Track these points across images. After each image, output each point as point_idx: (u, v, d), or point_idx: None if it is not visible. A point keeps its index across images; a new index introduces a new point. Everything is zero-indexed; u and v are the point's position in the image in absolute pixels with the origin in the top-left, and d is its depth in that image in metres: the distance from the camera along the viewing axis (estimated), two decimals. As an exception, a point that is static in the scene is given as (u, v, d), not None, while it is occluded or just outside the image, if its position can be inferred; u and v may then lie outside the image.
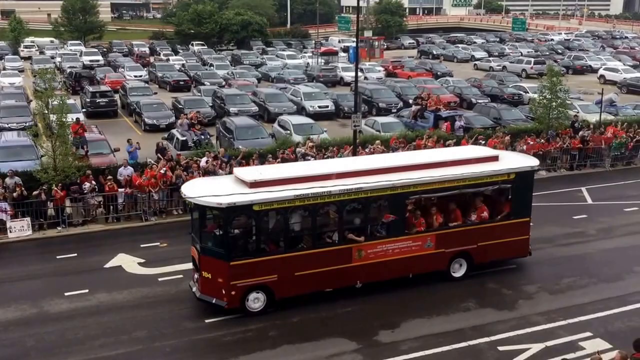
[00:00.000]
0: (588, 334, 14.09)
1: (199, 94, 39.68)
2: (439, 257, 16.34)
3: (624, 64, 56.80)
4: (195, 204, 14.94)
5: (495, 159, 17.22)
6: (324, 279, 15.26)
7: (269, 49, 73.96)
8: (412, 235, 16.07)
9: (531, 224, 20.59)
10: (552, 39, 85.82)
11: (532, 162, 17.69)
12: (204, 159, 22.41)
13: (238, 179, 15.42)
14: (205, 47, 72.11)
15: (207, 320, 14.69)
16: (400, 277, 16.01)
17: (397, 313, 15.09)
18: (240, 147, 24.76)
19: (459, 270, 16.69)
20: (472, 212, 16.82)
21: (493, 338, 13.98)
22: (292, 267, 14.91)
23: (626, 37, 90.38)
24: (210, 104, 36.51)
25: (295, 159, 23.09)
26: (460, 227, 16.56)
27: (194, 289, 15.29)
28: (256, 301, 14.86)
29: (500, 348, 13.61)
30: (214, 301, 14.76)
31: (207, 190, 14.93)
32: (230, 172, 20.62)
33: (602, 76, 52.62)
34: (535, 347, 13.56)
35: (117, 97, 39.17)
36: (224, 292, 14.60)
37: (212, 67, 54.46)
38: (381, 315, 15.03)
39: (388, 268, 15.80)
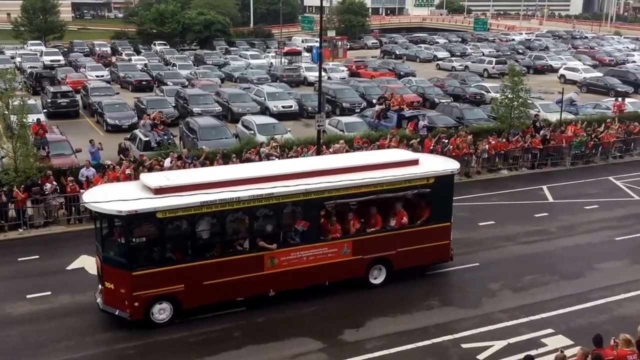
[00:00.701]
0: (550, 330, 14.34)
1: (162, 94, 39.36)
2: (356, 264, 15.91)
3: (583, 64, 58.14)
4: (96, 212, 14.40)
5: (415, 162, 16.92)
6: (235, 288, 14.79)
7: (232, 48, 73.57)
8: (327, 241, 15.60)
9: (493, 222, 21.11)
10: (513, 39, 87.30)
11: (452, 165, 17.37)
12: (167, 160, 22.18)
13: (144, 185, 14.84)
14: (168, 46, 71.36)
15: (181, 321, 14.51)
16: (316, 285, 15.58)
17: (361, 312, 15.15)
18: (204, 147, 24.59)
19: (378, 277, 16.32)
20: (391, 218, 16.44)
21: (457, 336, 14.13)
22: (200, 276, 14.39)
23: (586, 37, 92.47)
24: (173, 104, 36.17)
25: (260, 160, 23.03)
26: (378, 233, 16.19)
27: (99, 300, 14.67)
28: (162, 312, 14.30)
29: (464, 345, 13.77)
30: (117, 313, 14.22)
31: (110, 196, 14.11)
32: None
33: (562, 76, 53.71)
34: (498, 344, 13.74)
35: (78, 97, 38.55)
36: (126, 303, 14.02)
37: (174, 67, 53.98)
38: (346, 315, 15.07)
39: (303, 276, 15.35)
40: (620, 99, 37.81)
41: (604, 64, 61.73)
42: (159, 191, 14.29)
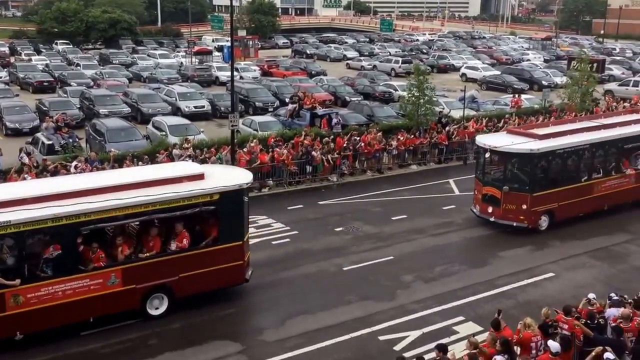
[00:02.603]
0: (461, 318, 14.92)
1: (65, 95, 37.92)
2: (128, 295, 14.07)
3: (483, 63, 60.83)
4: None
5: (200, 177, 15.11)
6: None
7: (139, 48, 71.71)
8: (88, 272, 13.65)
9: (405, 216, 21.69)
10: (417, 40, 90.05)
11: (242, 179, 15.51)
12: (73, 164, 21.37)
13: None
14: (71, 46, 68.70)
15: (82, 333, 13.96)
16: (79, 322, 13.83)
17: (281, 311, 15.19)
18: (112, 150, 23.87)
19: (159, 307, 14.64)
20: (172, 240, 14.77)
21: (374, 328, 14.45)
22: None
23: (484, 37, 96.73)
24: (78, 106, 34.89)
25: (172, 161, 22.66)
26: (154, 259, 14.38)
27: None
28: None
29: (381, 338, 14.09)
30: None
31: None
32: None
33: (464, 74, 55.92)
34: (413, 335, 14.16)
35: (-27, 100, 36.41)
36: None
37: (78, 67, 52.05)
38: (265, 315, 15.09)
39: (59, 313, 13.34)
40: (517, 95, 39.90)
41: (501, 63, 64.80)
42: None
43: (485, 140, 21.11)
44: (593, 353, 10.56)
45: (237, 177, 15.80)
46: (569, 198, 20.50)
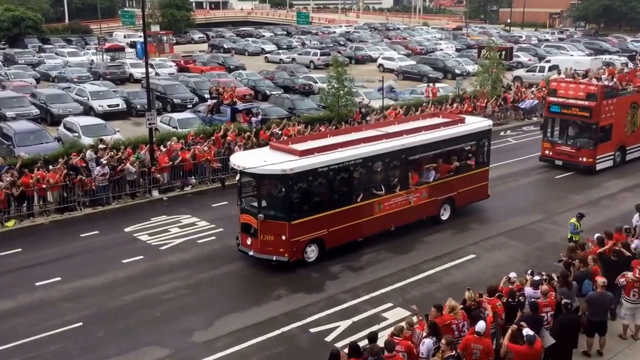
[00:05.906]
0: (389, 304, 15.14)
1: (-33, 99, 35.69)
2: None
3: (398, 53, 61.98)
4: None
5: None
6: None
7: (46, 46, 68.56)
8: None
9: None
10: (334, 32, 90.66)
11: None
12: (-21, 171, 20.17)
13: None
14: (-29, 46, 64.84)
15: (1, 347, 13.22)
16: None
17: (209, 311, 14.91)
18: (22, 154, 22.72)
19: None
20: None
21: (304, 321, 14.42)
22: None
23: (398, 29, 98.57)
24: (-18, 109, 32.99)
25: (85, 164, 21.83)
26: None
27: None
28: None
29: (312, 330, 14.09)
30: None
31: None
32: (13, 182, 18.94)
33: (381, 65, 56.84)
34: (344, 324, 14.24)
35: None
36: None
37: (-20, 69, 49.16)
38: (193, 316, 14.74)
39: None
40: (432, 84, 40.93)
41: (416, 53, 66.27)
42: None
43: (238, 159, 17.70)
44: (510, 331, 10.98)
45: None
46: (342, 222, 17.50)
